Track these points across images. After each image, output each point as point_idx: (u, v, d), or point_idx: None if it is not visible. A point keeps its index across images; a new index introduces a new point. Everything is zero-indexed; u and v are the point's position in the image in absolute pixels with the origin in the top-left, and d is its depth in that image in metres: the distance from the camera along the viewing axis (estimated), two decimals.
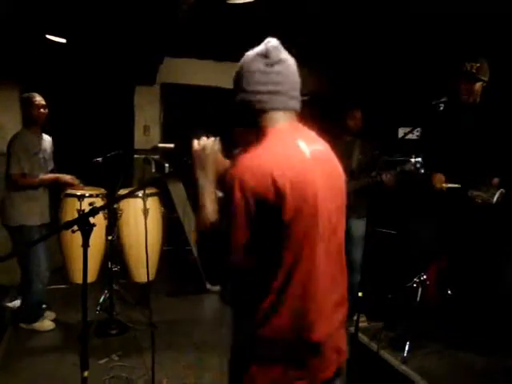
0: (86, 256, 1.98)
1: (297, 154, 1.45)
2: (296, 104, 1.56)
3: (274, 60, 1.51)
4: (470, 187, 3.41)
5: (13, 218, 3.97)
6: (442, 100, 3.16)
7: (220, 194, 1.65)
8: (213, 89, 6.76)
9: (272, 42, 1.54)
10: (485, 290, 3.32)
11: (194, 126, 6.57)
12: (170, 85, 6.71)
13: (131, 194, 4.03)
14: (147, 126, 6.67)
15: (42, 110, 4.04)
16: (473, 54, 3.41)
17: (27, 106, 4.03)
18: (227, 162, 1.66)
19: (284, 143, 1.47)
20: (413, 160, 3.57)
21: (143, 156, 6.29)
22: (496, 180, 3.40)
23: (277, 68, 1.51)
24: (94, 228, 1.94)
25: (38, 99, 4.04)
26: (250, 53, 1.55)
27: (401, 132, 4.74)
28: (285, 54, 1.55)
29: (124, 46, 5.11)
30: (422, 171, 3.50)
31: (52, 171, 4.29)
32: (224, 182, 1.42)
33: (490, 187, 3.37)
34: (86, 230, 1.97)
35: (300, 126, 1.58)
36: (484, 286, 3.33)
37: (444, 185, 3.50)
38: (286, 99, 1.52)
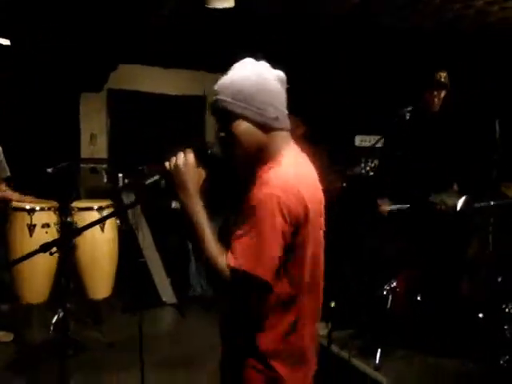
0: (67, 279, 1.84)
1: (309, 173, 1.56)
2: (289, 122, 1.59)
3: (269, 77, 1.51)
4: (430, 194, 3.52)
5: None
6: (408, 109, 3.26)
7: (174, 205, 1.57)
8: (161, 96, 6.63)
9: (259, 61, 1.53)
10: (451, 295, 3.42)
11: (143, 134, 6.42)
12: (117, 91, 6.49)
13: (128, 207, 3.82)
14: (94, 135, 6.41)
15: None
16: (436, 64, 3.56)
17: None
18: (203, 172, 1.55)
19: (297, 163, 1.53)
20: (362, 164, 3.65)
21: (90, 165, 6.07)
22: (456, 186, 3.53)
23: (274, 85, 1.51)
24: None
25: None
26: (263, 69, 1.51)
27: (357, 140, 4.83)
28: (274, 71, 1.55)
29: (72, 50, 4.88)
30: (371, 174, 3.57)
31: (8, 179, 4.11)
32: (254, 199, 1.39)
33: (452, 194, 3.49)
34: (68, 251, 1.83)
35: (296, 147, 1.61)
36: (451, 292, 3.43)
37: (387, 208, 3.60)
38: (285, 118, 1.55)
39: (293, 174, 1.46)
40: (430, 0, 3.62)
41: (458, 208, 3.33)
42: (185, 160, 1.49)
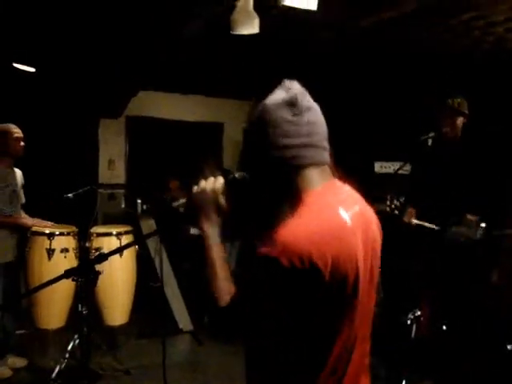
0: (88, 305, 1.82)
1: (338, 225, 1.26)
2: (328, 156, 1.35)
3: (303, 108, 1.30)
4: (448, 225, 3.46)
5: None
6: (430, 135, 3.24)
7: (192, 231, 1.51)
8: (179, 122, 6.68)
9: (296, 88, 1.33)
10: (477, 323, 3.33)
11: (161, 160, 6.45)
12: (135, 118, 6.56)
13: (151, 235, 3.82)
14: (112, 160, 6.46)
15: (20, 142, 3.85)
16: (452, 90, 3.54)
17: (4, 137, 3.82)
18: (226, 205, 1.44)
19: (324, 213, 1.26)
20: (388, 201, 3.59)
21: (108, 191, 6.11)
22: (471, 216, 3.46)
23: (306, 117, 1.30)
24: (64, 268, 1.74)
25: (16, 131, 3.84)
26: (271, 101, 1.32)
27: (377, 166, 4.80)
28: (311, 101, 1.35)
29: (92, 77, 4.96)
30: (396, 212, 3.50)
31: (23, 206, 4.10)
32: (258, 254, 1.22)
33: (469, 223, 3.43)
34: (92, 278, 1.81)
35: (336, 183, 1.39)
36: (476, 320, 3.33)
37: (413, 220, 3.53)
38: (320, 152, 1.32)
39: (309, 233, 1.20)
40: (450, 26, 3.62)
41: (478, 237, 3.28)
42: (213, 186, 1.42)
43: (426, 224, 3.47)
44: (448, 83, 4.20)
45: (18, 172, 4.12)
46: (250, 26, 2.51)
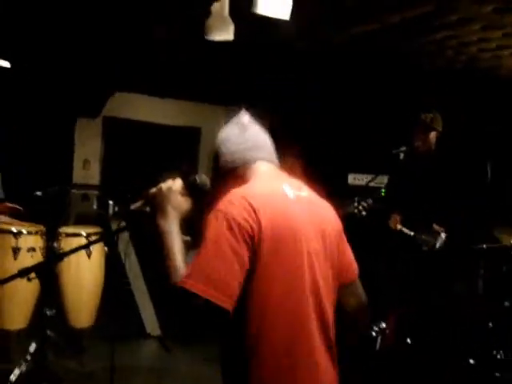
0: (43, 305, 1.78)
1: (279, 194, 1.51)
2: (276, 159, 1.67)
3: (247, 124, 1.65)
4: (417, 234, 3.52)
5: None
6: (402, 149, 3.28)
7: (187, 238, 1.58)
8: (157, 126, 6.65)
9: (242, 112, 1.70)
10: (441, 337, 3.36)
11: (136, 163, 6.40)
12: (112, 119, 6.51)
13: (86, 247, 3.79)
14: (87, 161, 6.39)
15: None
16: (427, 105, 3.59)
17: None
18: (188, 203, 1.57)
19: (267, 184, 1.54)
20: (355, 203, 3.64)
21: (82, 192, 6.03)
22: (437, 226, 3.52)
23: (251, 129, 1.65)
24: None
25: None
26: (225, 127, 1.69)
27: (350, 178, 4.84)
28: (254, 121, 1.69)
29: (70, 75, 4.91)
30: (364, 214, 3.55)
31: (2, 201, 4.05)
32: (205, 220, 1.39)
33: (432, 233, 3.49)
34: (47, 278, 1.77)
35: (285, 174, 1.65)
36: (440, 334, 3.37)
37: (398, 226, 3.58)
38: (264, 152, 1.64)
39: (251, 192, 1.46)
40: (427, 43, 3.69)
41: (437, 246, 3.34)
42: (170, 186, 1.53)
43: (409, 232, 3.52)
44: (423, 98, 4.27)
45: None
46: (224, 32, 2.53)
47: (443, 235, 3.46)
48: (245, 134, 1.63)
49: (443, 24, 3.34)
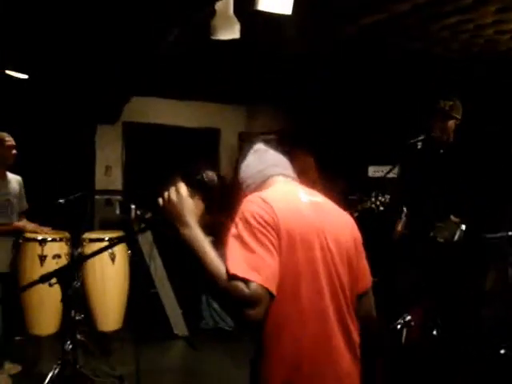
0: (67, 310, 1.82)
1: (293, 197, 1.58)
2: (293, 174, 1.76)
3: (264, 149, 1.76)
4: (432, 227, 3.44)
5: None
6: (420, 138, 3.21)
7: (210, 238, 1.56)
8: (176, 128, 6.69)
9: (259, 143, 1.79)
10: (470, 329, 3.29)
11: (157, 166, 6.45)
12: (132, 124, 6.58)
13: (123, 240, 3.86)
14: (109, 167, 6.47)
15: (12, 151, 3.87)
16: (446, 92, 3.50)
17: None
18: (200, 203, 1.58)
19: (281, 189, 1.63)
20: (372, 198, 3.60)
21: (105, 197, 6.13)
22: (453, 217, 3.43)
23: (267, 153, 1.75)
24: None
25: (8, 139, 3.86)
26: (246, 157, 1.77)
27: (371, 170, 4.78)
28: (270, 147, 1.79)
29: (87, 83, 4.98)
30: (382, 209, 3.50)
31: (24, 212, 4.13)
32: (233, 222, 1.44)
33: (449, 225, 3.40)
34: (68, 283, 1.81)
35: (302, 185, 1.72)
36: (468, 326, 3.30)
37: (399, 228, 3.54)
38: (281, 168, 1.73)
39: (268, 195, 1.53)
40: (442, 29, 3.61)
41: (456, 239, 3.25)
42: (177, 193, 1.50)
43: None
44: (441, 85, 4.18)
45: (16, 179, 4.13)
46: (230, 31, 2.52)
47: (462, 226, 3.37)
48: (261, 158, 1.72)
49: (457, 8, 3.26)
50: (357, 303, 1.60)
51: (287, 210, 1.47)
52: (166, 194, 1.51)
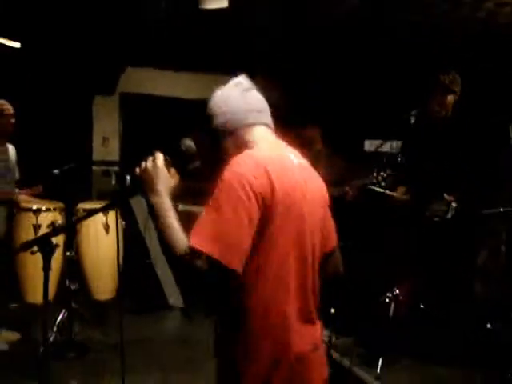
0: (46, 279, 1.84)
1: (286, 160, 1.54)
2: (272, 125, 1.64)
3: (248, 87, 1.62)
4: (426, 203, 3.44)
5: None
6: (413, 113, 3.18)
7: (181, 207, 1.58)
8: (173, 99, 6.63)
9: (241, 76, 1.66)
10: (456, 303, 3.32)
11: (155, 137, 6.42)
12: (129, 95, 6.52)
13: (98, 211, 3.83)
14: (106, 138, 6.45)
15: (10, 119, 3.86)
16: (445, 66, 3.45)
17: None
18: (176, 176, 1.58)
19: (274, 149, 1.55)
20: (374, 174, 3.60)
21: (102, 168, 6.11)
22: (448, 195, 3.42)
23: (251, 92, 1.61)
24: None
25: (6, 108, 3.85)
26: (223, 87, 1.64)
27: (367, 144, 4.75)
28: (252, 85, 1.66)
29: (83, 53, 4.93)
30: (383, 184, 3.50)
31: (18, 181, 4.17)
32: (218, 178, 1.39)
33: (443, 202, 3.40)
34: (47, 251, 1.81)
35: (282, 141, 1.64)
36: (455, 300, 3.33)
37: (405, 197, 3.53)
38: (265, 117, 1.62)
39: (262, 155, 1.47)
40: (442, 2, 3.53)
41: (449, 216, 3.26)
42: (154, 163, 1.53)
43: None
44: (440, 59, 4.11)
45: (11, 148, 4.15)
46: (218, 0, 2.47)
47: (454, 204, 3.37)
48: (246, 96, 1.59)
49: None
50: (325, 262, 1.65)
51: (284, 178, 1.43)
52: (143, 163, 1.55)
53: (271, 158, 1.46)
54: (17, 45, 4.50)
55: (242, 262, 1.34)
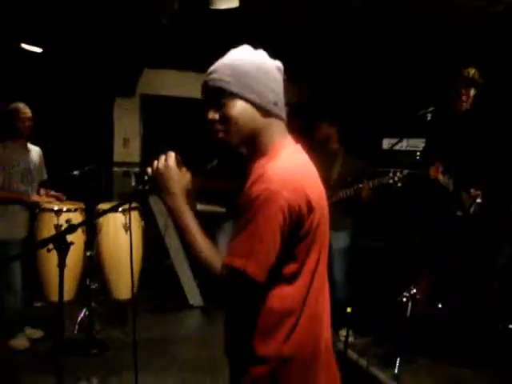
0: (62, 276, 1.85)
1: (311, 168, 1.49)
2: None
3: (274, 69, 1.49)
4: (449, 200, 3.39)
5: None
6: (430, 110, 3.13)
7: (199, 207, 1.57)
8: (193, 100, 6.67)
9: (265, 55, 1.51)
10: (473, 303, 3.26)
11: (175, 138, 6.48)
12: (149, 96, 6.59)
13: (110, 211, 3.89)
14: (127, 139, 6.53)
15: (27, 122, 3.96)
16: (467, 60, 3.41)
17: (12, 117, 3.96)
18: (188, 174, 1.55)
19: (298, 156, 1.49)
20: (391, 173, 3.58)
21: (123, 169, 6.20)
22: (473, 191, 3.37)
23: (278, 77, 1.49)
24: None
25: (24, 112, 3.95)
26: (263, 55, 1.49)
27: (385, 143, 4.70)
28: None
29: (102, 55, 5.00)
30: (399, 185, 3.47)
31: (44, 183, 4.27)
32: (252, 194, 1.36)
33: (466, 198, 3.35)
34: (62, 248, 1.84)
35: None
36: (472, 300, 3.27)
37: (440, 176, 3.46)
38: (284, 111, 1.52)
39: (293, 167, 1.42)
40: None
41: (471, 211, 3.20)
42: (166, 163, 1.49)
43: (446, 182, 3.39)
44: (457, 55, 4.04)
45: (36, 150, 4.24)
46: (228, 0, 2.47)
47: (478, 200, 3.32)
48: (270, 74, 1.46)
49: None
50: None
51: (315, 190, 1.43)
52: (155, 163, 1.52)
53: (303, 172, 1.44)
54: (39, 50, 4.60)
55: (267, 274, 1.35)
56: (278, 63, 1.50)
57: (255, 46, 1.53)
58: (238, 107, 1.43)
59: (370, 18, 3.87)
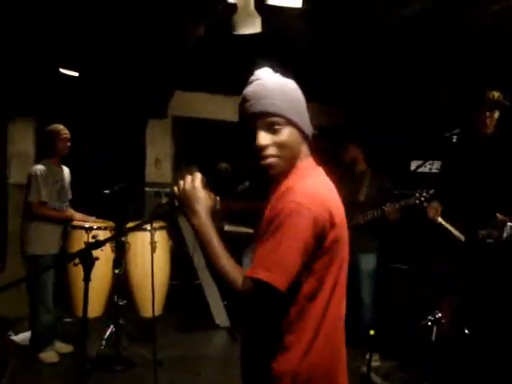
0: (86, 290, 1.93)
1: (332, 187, 1.54)
2: None
3: (300, 93, 1.57)
4: (477, 226, 3.31)
5: (27, 247, 4.07)
6: (455, 132, 3.11)
7: (227, 228, 1.59)
8: (223, 122, 6.79)
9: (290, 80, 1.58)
10: (502, 328, 3.16)
11: (205, 159, 6.58)
12: (181, 118, 6.74)
13: (136, 228, 3.99)
14: (159, 160, 6.67)
15: (67, 143, 4.15)
16: (491, 83, 3.37)
17: (53, 137, 4.16)
18: (212, 195, 1.56)
19: (320, 175, 1.56)
20: (417, 194, 3.55)
21: (154, 189, 6.32)
22: (501, 216, 3.28)
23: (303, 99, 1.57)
24: (101, 261, 1.89)
25: (64, 132, 4.15)
26: (291, 83, 1.56)
27: (413, 165, 4.67)
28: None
29: (135, 79, 5.17)
30: (425, 205, 3.44)
31: (69, 201, 4.40)
32: (278, 207, 1.40)
33: (496, 223, 3.26)
34: (88, 263, 1.91)
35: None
36: (501, 325, 3.17)
37: (438, 218, 3.42)
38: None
39: (318, 184, 1.49)
40: (483, 20, 3.46)
41: (504, 237, 3.11)
42: (192, 183, 1.52)
43: (450, 228, 3.35)
44: (483, 75, 4.00)
45: (66, 169, 4.43)
46: (251, 26, 2.55)
47: (510, 224, 3.23)
48: (301, 98, 1.56)
49: None
50: None
51: (338, 208, 1.48)
52: (181, 182, 1.55)
53: (327, 190, 1.50)
54: (76, 74, 4.80)
55: (290, 285, 1.37)
56: (295, 86, 1.58)
57: (275, 69, 1.59)
58: (292, 133, 1.50)
59: (406, 41, 3.86)
